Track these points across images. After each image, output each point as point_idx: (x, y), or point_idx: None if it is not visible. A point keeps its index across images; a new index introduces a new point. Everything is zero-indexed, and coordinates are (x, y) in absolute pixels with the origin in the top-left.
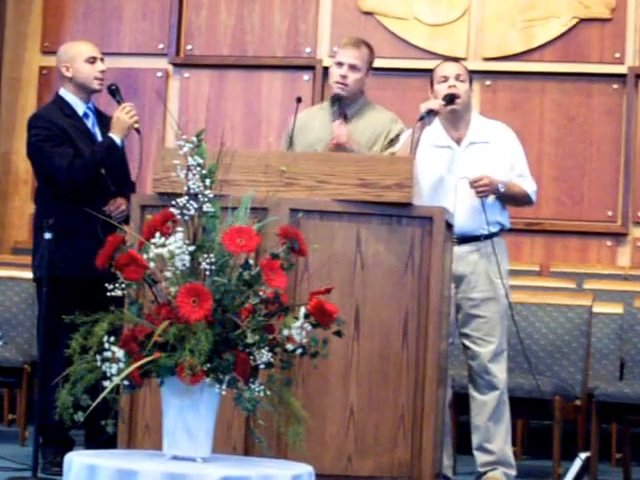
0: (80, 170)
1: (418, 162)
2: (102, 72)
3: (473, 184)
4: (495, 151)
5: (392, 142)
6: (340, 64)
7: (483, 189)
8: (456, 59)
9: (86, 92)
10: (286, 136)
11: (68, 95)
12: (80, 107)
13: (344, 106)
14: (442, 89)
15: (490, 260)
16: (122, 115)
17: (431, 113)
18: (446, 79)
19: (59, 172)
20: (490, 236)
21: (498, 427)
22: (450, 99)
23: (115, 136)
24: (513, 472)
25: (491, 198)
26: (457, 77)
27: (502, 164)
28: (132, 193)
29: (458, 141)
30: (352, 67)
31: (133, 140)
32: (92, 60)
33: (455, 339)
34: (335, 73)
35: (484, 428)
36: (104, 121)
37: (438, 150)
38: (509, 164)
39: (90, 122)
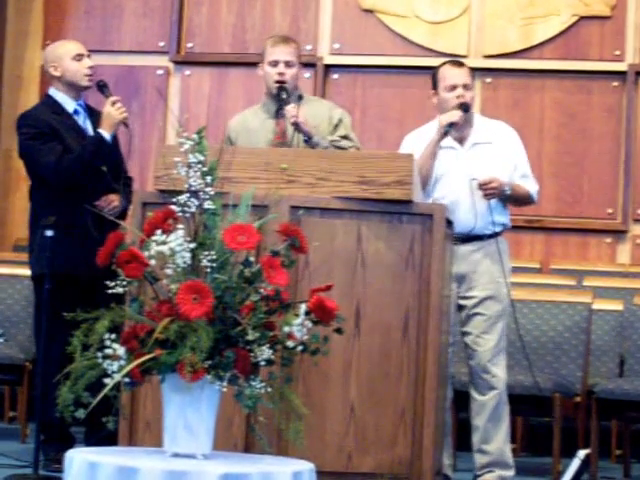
0: (69, 166)
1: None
2: (90, 68)
3: (482, 186)
4: (498, 151)
5: (336, 127)
6: (275, 62)
7: (492, 192)
8: (457, 58)
9: (76, 89)
10: (225, 142)
11: (58, 94)
12: (70, 104)
13: (283, 102)
14: (451, 99)
15: (493, 259)
16: (112, 111)
17: (453, 125)
18: (454, 88)
19: (47, 168)
20: (493, 236)
21: (497, 428)
22: (465, 109)
23: (104, 132)
24: (510, 473)
25: (495, 199)
26: (465, 87)
27: (506, 164)
28: (129, 188)
29: (461, 142)
30: (287, 63)
31: (123, 134)
32: (79, 57)
33: (456, 337)
34: (272, 73)
35: (483, 429)
36: (95, 117)
37: (441, 151)
38: (513, 164)
39: (81, 119)
